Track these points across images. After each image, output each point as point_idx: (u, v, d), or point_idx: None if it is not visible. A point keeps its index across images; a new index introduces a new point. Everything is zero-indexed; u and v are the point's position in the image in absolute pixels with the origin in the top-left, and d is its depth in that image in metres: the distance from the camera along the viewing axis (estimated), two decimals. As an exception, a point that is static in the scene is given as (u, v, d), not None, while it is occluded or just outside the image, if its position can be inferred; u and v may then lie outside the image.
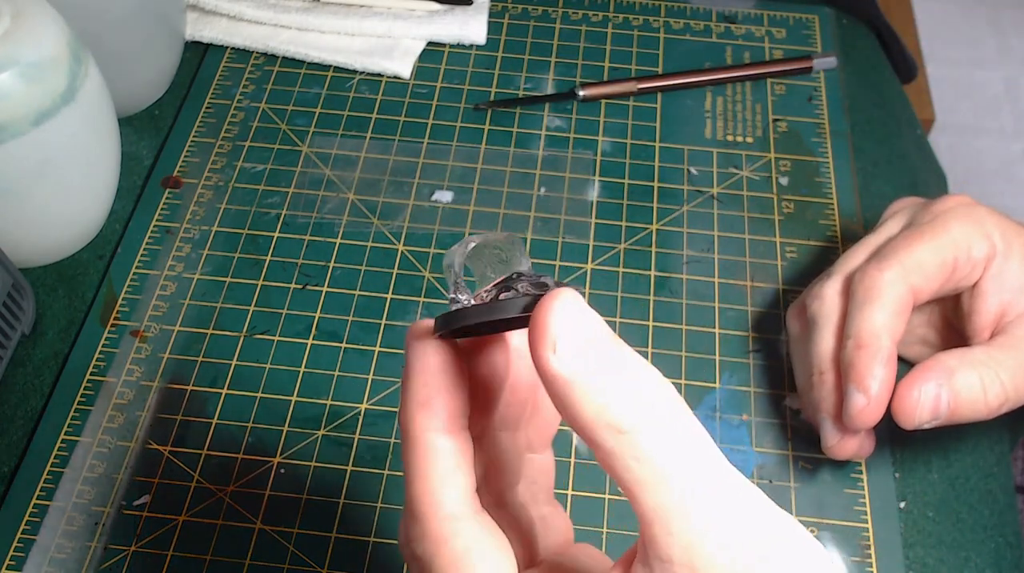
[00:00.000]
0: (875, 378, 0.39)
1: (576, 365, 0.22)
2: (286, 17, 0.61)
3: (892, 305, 0.39)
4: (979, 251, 0.40)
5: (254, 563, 0.42)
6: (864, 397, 0.39)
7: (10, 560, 0.42)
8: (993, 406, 0.39)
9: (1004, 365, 0.39)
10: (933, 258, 0.40)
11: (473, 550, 0.24)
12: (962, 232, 0.40)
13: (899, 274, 0.40)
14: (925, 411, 0.38)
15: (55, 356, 0.49)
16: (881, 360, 0.39)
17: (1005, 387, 0.39)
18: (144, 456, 0.45)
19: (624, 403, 0.22)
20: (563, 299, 0.22)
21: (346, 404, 0.47)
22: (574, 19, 0.64)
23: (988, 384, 0.38)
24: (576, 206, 0.54)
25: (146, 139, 0.58)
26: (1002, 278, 0.41)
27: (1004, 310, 0.41)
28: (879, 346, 0.39)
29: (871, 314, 0.39)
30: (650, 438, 0.22)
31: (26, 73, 0.44)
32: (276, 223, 0.53)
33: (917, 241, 0.41)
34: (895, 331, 0.39)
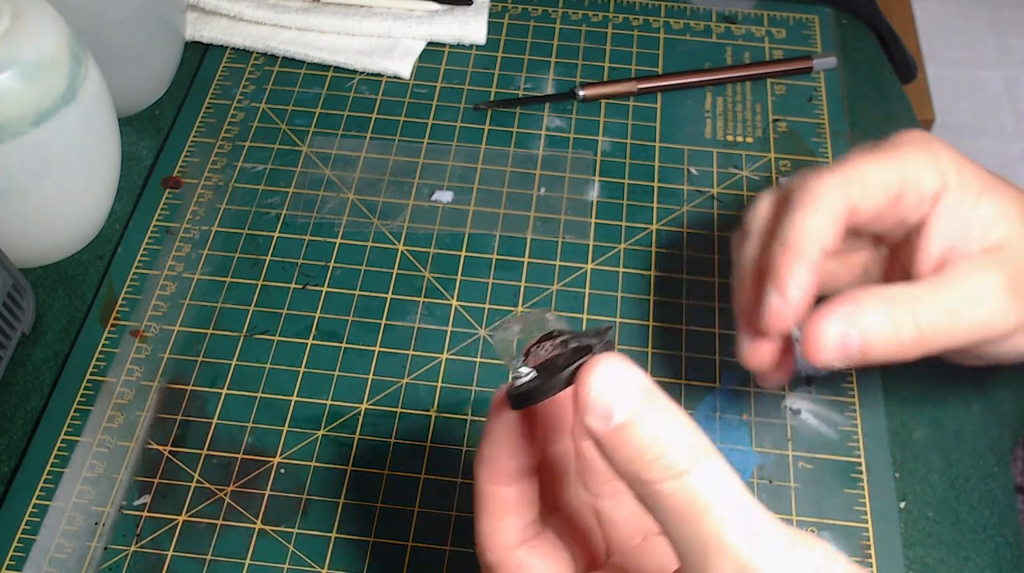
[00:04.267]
0: (794, 280, 0.36)
1: (604, 426, 0.26)
2: (286, 17, 0.61)
3: (826, 212, 0.36)
4: (929, 184, 0.37)
5: (254, 563, 0.42)
6: (780, 298, 0.36)
7: (10, 560, 0.42)
8: (908, 345, 0.35)
9: (922, 302, 0.35)
10: (878, 176, 0.37)
11: (524, 568, 0.30)
12: (914, 161, 0.37)
13: (838, 183, 0.37)
14: (832, 349, 0.35)
15: (55, 356, 0.49)
16: (804, 263, 0.36)
17: (920, 326, 0.35)
18: (144, 456, 0.45)
19: (649, 457, 0.25)
20: (596, 371, 0.26)
21: (346, 404, 0.47)
22: (574, 19, 0.64)
23: (900, 322, 0.35)
24: (576, 206, 0.54)
25: (146, 139, 0.58)
26: (950, 218, 0.37)
27: (947, 253, 0.37)
28: (804, 249, 0.36)
29: (802, 217, 0.37)
30: (671, 488, 0.25)
31: (26, 73, 0.44)
32: (276, 223, 0.54)
33: (864, 159, 0.38)
34: (825, 239, 0.36)
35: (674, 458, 0.25)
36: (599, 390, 0.26)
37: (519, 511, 0.30)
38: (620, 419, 0.25)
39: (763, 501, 0.44)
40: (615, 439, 0.25)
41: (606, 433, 0.25)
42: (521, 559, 0.30)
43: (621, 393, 0.26)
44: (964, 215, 0.37)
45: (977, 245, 0.37)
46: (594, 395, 0.26)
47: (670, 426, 0.26)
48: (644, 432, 0.25)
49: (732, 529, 0.24)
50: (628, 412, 0.25)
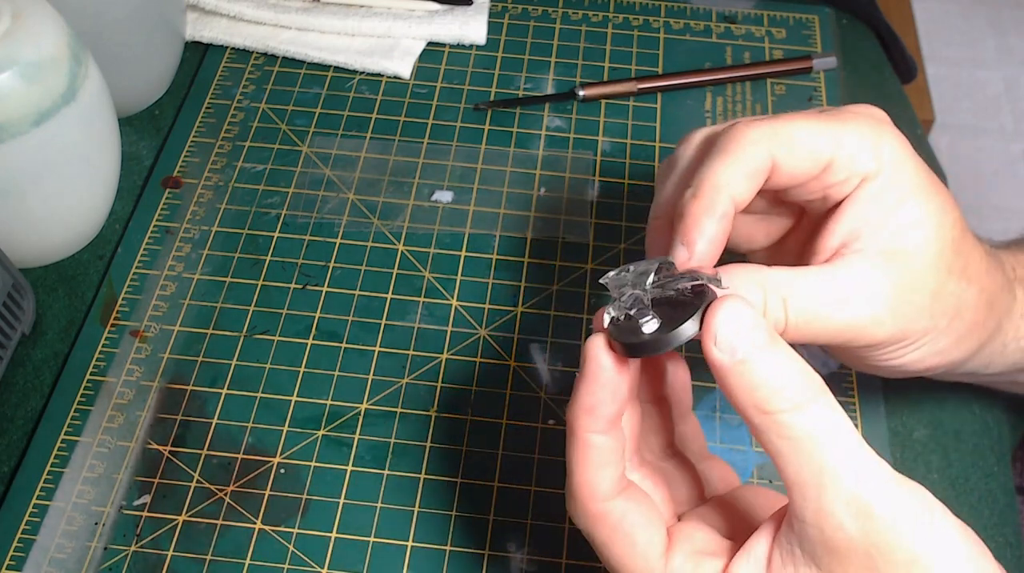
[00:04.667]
0: (702, 234, 0.33)
1: (731, 356, 0.28)
2: (286, 17, 0.61)
3: (745, 164, 0.34)
4: (862, 165, 0.34)
5: (254, 563, 0.42)
6: (686, 251, 0.34)
7: (10, 560, 0.42)
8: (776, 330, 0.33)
9: (797, 290, 0.33)
10: (809, 140, 0.34)
11: (626, 518, 0.31)
12: (855, 136, 0.34)
13: (765, 135, 0.34)
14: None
15: (55, 356, 0.49)
16: (714, 215, 0.33)
17: (788, 314, 0.33)
18: (144, 456, 0.45)
19: (769, 390, 0.28)
20: (725, 308, 0.28)
21: (346, 404, 0.47)
22: (574, 19, 0.64)
23: (770, 307, 0.33)
24: (576, 206, 0.54)
25: (146, 139, 0.58)
26: (867, 207, 0.35)
27: (849, 240, 0.35)
28: (716, 200, 0.34)
29: (720, 165, 0.34)
30: (791, 419, 0.27)
31: (26, 73, 0.44)
32: (276, 223, 0.54)
33: (802, 118, 0.35)
34: (740, 192, 0.34)
35: (797, 391, 0.28)
36: (727, 326, 0.28)
37: (617, 460, 0.31)
38: (748, 352, 0.28)
39: (763, 501, 0.44)
40: (743, 370, 0.28)
41: (734, 363, 0.28)
42: (621, 510, 0.31)
43: (747, 330, 0.28)
44: (882, 210, 0.35)
45: (881, 245, 0.34)
46: (723, 331, 0.28)
47: (792, 363, 0.28)
48: (770, 365, 0.28)
49: (847, 462, 0.27)
50: (755, 346, 0.28)
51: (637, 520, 0.31)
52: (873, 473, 0.27)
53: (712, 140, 0.36)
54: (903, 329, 0.34)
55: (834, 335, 0.34)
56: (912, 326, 0.35)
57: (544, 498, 0.44)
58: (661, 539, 0.31)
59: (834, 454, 0.27)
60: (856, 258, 0.34)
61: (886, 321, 0.34)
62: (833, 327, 0.34)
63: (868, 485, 0.27)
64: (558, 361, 0.48)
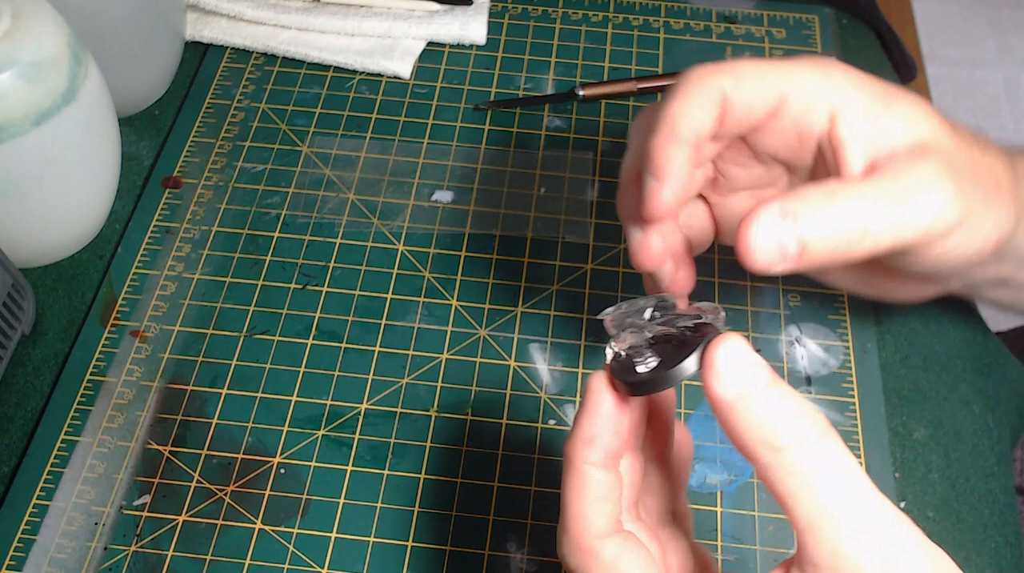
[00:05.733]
0: (668, 160, 0.34)
1: (736, 392, 0.27)
2: (286, 17, 0.61)
3: (696, 96, 0.34)
4: (822, 98, 0.34)
5: (254, 563, 0.42)
6: (656, 180, 0.34)
7: (10, 560, 0.42)
8: (852, 243, 0.32)
9: (866, 196, 0.32)
10: (756, 71, 0.34)
11: (621, 559, 0.29)
12: (803, 73, 0.35)
13: (712, 71, 0.34)
14: (767, 252, 0.32)
15: (55, 356, 0.49)
16: (676, 143, 0.34)
17: (865, 221, 0.32)
18: (144, 456, 0.45)
19: (777, 425, 0.27)
20: (727, 345, 0.27)
21: (346, 404, 0.47)
22: (574, 19, 0.64)
23: (843, 216, 0.32)
24: (576, 206, 0.54)
25: (146, 139, 0.58)
26: (861, 126, 0.34)
27: (873, 159, 0.34)
28: (676, 129, 0.34)
29: (673, 103, 0.34)
30: (801, 456, 0.26)
31: (26, 73, 0.44)
32: (276, 223, 0.54)
33: (748, 60, 0.35)
34: (695, 121, 0.34)
35: (806, 427, 0.27)
36: (730, 362, 0.27)
37: (614, 498, 0.30)
38: (753, 387, 0.27)
39: (763, 501, 0.44)
40: (749, 405, 0.27)
41: (739, 397, 0.27)
42: (616, 550, 0.29)
43: (749, 367, 0.27)
44: (876, 121, 0.34)
45: (901, 144, 0.34)
46: (726, 367, 0.27)
47: (798, 400, 0.27)
48: (777, 400, 0.27)
49: (862, 500, 0.26)
50: (758, 383, 0.27)
51: (632, 565, 0.29)
52: (881, 513, 0.26)
53: None
54: (966, 208, 0.34)
55: (913, 232, 0.33)
56: (972, 201, 0.34)
57: (544, 498, 0.44)
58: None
59: (848, 492, 0.26)
60: (895, 162, 0.33)
61: (953, 199, 0.33)
62: (911, 224, 0.33)
63: (884, 524, 0.26)
64: (558, 361, 0.48)
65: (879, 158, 0.34)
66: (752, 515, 0.44)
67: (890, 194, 0.33)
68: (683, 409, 0.47)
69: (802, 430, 0.27)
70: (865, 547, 0.26)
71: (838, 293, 0.51)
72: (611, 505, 0.30)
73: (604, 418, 0.30)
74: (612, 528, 0.30)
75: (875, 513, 0.26)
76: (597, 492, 0.30)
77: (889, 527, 0.26)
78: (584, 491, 0.30)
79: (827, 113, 0.35)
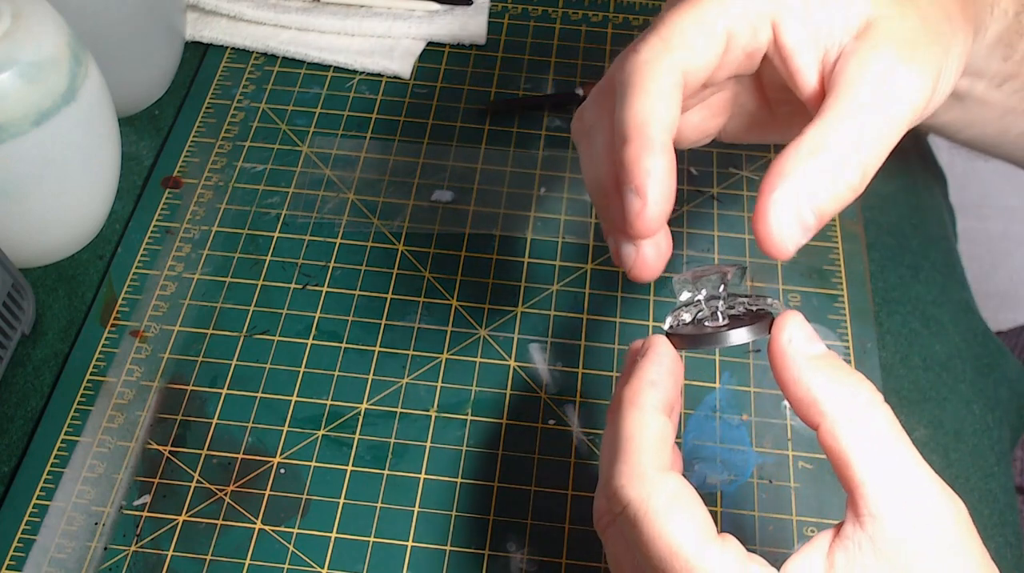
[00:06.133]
0: (647, 173, 0.31)
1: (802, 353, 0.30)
2: (286, 17, 0.61)
3: (658, 91, 0.32)
4: (762, 11, 0.33)
5: (254, 563, 0.42)
6: (640, 200, 0.32)
7: (10, 560, 0.42)
8: (858, 187, 0.32)
9: (846, 137, 0.31)
10: (702, 33, 0.33)
11: (682, 492, 0.30)
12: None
13: (659, 52, 0.32)
14: (794, 237, 0.32)
15: (55, 356, 0.49)
16: (651, 151, 0.31)
17: (861, 159, 0.31)
18: (144, 456, 0.45)
19: (855, 385, 0.30)
20: (797, 318, 0.31)
21: (346, 404, 0.47)
22: (574, 19, 0.64)
23: (844, 171, 0.31)
24: (576, 206, 0.54)
25: (146, 139, 0.58)
26: (801, 26, 0.33)
27: (824, 56, 0.33)
28: (647, 136, 0.32)
29: (632, 103, 0.32)
30: (874, 413, 0.29)
31: (26, 73, 0.44)
32: (276, 223, 0.54)
33: (681, 11, 0.33)
34: (665, 119, 0.32)
35: (874, 390, 0.30)
36: (803, 332, 0.31)
37: (669, 446, 0.31)
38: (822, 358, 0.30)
39: (763, 501, 0.44)
40: (829, 364, 0.30)
41: (821, 356, 0.30)
42: (676, 485, 0.30)
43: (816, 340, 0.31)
44: (816, 17, 0.33)
45: (846, 34, 0.32)
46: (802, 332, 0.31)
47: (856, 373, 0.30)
48: (840, 370, 0.30)
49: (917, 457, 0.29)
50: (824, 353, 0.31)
51: (692, 497, 0.30)
52: (921, 478, 0.29)
53: (608, 91, 0.34)
54: (933, 72, 0.33)
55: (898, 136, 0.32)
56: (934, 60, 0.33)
57: (544, 498, 0.44)
58: (712, 524, 0.30)
59: (908, 447, 0.29)
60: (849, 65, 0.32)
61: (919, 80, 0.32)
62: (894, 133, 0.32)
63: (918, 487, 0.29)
64: (558, 361, 0.48)
65: (829, 58, 0.33)
66: (752, 515, 0.44)
67: (868, 118, 0.31)
68: (683, 409, 0.47)
69: (872, 391, 0.30)
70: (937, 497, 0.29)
71: (838, 293, 0.51)
72: (668, 449, 0.31)
73: (666, 367, 0.32)
74: (669, 468, 0.31)
75: (919, 473, 0.29)
76: (662, 433, 0.31)
77: (927, 486, 0.29)
78: (648, 430, 0.31)
79: (769, 26, 0.33)
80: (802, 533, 0.43)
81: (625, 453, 0.31)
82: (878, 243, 0.53)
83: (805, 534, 0.43)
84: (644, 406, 0.31)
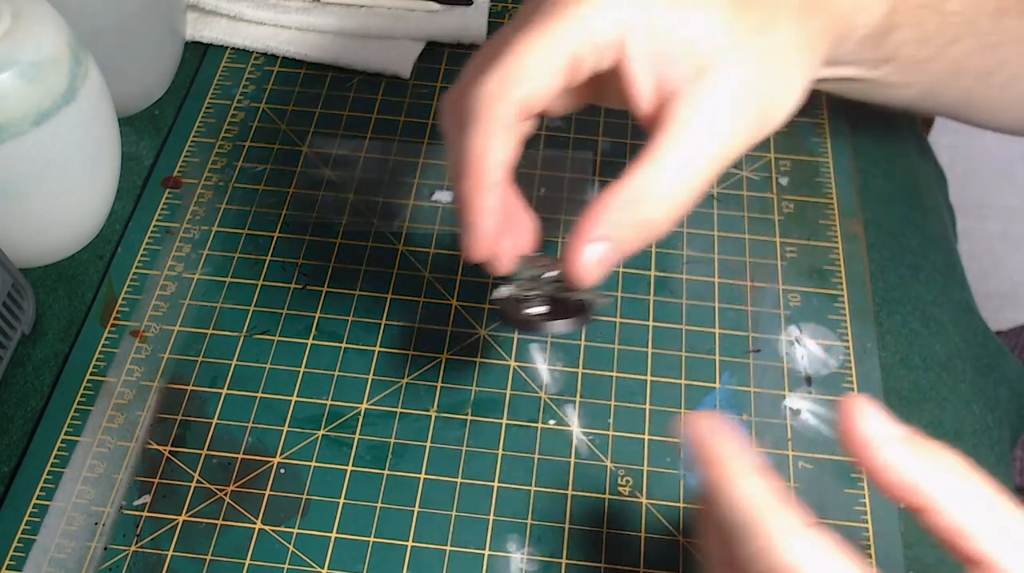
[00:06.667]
0: (479, 211, 0.35)
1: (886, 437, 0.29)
2: (286, 17, 0.61)
3: (492, 126, 0.34)
4: (607, 34, 0.34)
5: (254, 563, 0.42)
6: (471, 235, 0.35)
7: (10, 560, 0.42)
8: (669, 227, 0.35)
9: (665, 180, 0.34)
10: (544, 66, 0.34)
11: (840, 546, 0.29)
12: (584, 21, 0.34)
13: (498, 88, 0.34)
14: (596, 273, 0.35)
15: (55, 356, 0.49)
16: (483, 191, 0.34)
17: (675, 203, 0.34)
18: (144, 456, 0.45)
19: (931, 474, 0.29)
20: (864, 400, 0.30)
21: (346, 404, 0.47)
22: (574, 19, 0.64)
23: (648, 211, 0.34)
24: (576, 206, 0.54)
25: (146, 139, 0.58)
26: (646, 55, 0.34)
27: (660, 82, 0.35)
28: (481, 174, 0.34)
29: (472, 139, 0.34)
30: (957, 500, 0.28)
31: (26, 73, 0.44)
32: (276, 223, 0.54)
33: (527, 38, 0.34)
34: (500, 156, 0.34)
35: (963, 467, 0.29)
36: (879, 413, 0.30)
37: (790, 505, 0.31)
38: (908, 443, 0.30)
39: (763, 501, 0.44)
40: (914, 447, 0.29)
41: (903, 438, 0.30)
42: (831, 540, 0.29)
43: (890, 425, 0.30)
44: (660, 52, 0.34)
45: (685, 75, 0.34)
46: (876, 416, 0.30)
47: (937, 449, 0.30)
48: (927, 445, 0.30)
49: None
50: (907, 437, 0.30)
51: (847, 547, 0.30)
52: None
53: (459, 107, 0.36)
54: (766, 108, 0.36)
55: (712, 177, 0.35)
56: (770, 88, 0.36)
57: (544, 498, 0.44)
58: None
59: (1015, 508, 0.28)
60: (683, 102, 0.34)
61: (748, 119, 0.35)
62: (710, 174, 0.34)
63: None
64: (558, 361, 0.48)
65: (664, 89, 0.34)
66: (752, 515, 0.44)
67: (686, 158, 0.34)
68: (683, 409, 0.47)
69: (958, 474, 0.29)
70: None
71: (838, 293, 0.51)
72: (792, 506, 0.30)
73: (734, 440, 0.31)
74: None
75: None
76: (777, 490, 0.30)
77: None
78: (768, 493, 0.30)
79: (614, 53, 0.34)
80: (802, 533, 0.43)
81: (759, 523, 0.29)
82: (878, 243, 0.53)
83: (805, 534, 0.43)
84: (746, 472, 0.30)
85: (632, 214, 0.34)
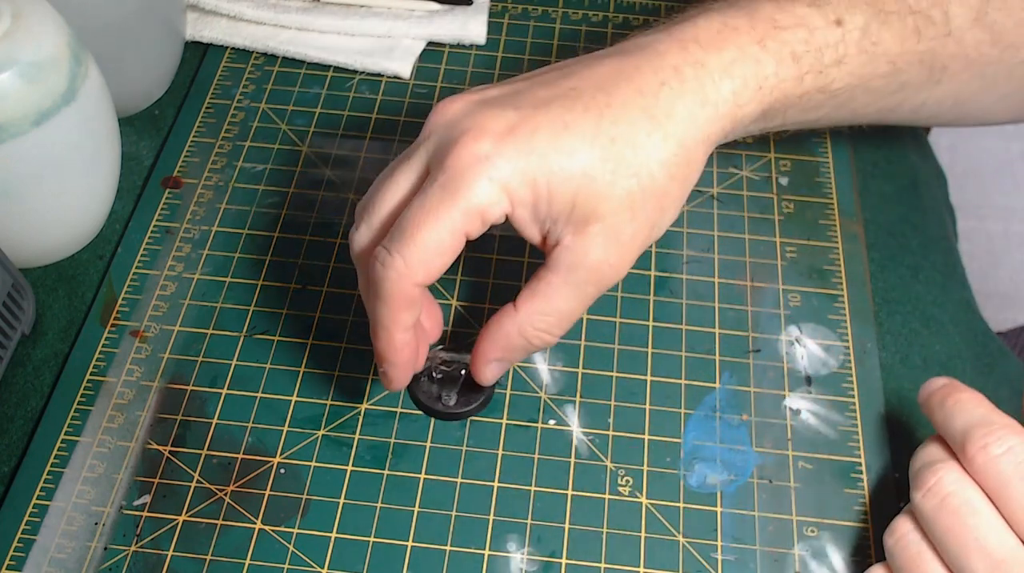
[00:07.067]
0: (391, 364, 0.41)
1: None
2: (286, 17, 0.61)
3: (395, 303, 0.39)
4: (497, 203, 0.38)
5: (254, 563, 0.42)
6: (386, 378, 0.42)
7: (10, 560, 0.42)
8: (559, 338, 0.42)
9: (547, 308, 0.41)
10: (438, 244, 0.38)
11: None
12: (475, 198, 0.38)
13: (400, 272, 0.38)
14: (496, 377, 0.44)
15: (55, 356, 0.49)
16: (394, 348, 0.40)
17: (550, 326, 0.41)
18: (144, 456, 0.45)
19: None
20: None
21: (346, 404, 0.47)
22: (574, 19, 0.64)
23: (529, 336, 0.41)
24: (576, 206, 0.54)
25: (146, 139, 0.58)
26: (527, 201, 0.39)
27: (544, 221, 0.40)
28: (392, 334, 0.40)
29: (381, 310, 0.40)
30: None
31: (26, 73, 0.44)
32: (276, 223, 0.54)
33: (425, 222, 0.38)
34: (407, 321, 0.40)
35: None
36: None
37: None
38: None
39: (763, 501, 0.44)
40: None
41: None
42: None
43: None
44: (543, 211, 0.39)
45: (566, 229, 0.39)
46: None
47: None
48: None
49: None
50: None
51: None
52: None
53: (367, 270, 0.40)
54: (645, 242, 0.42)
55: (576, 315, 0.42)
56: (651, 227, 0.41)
57: (544, 498, 0.44)
58: None
59: None
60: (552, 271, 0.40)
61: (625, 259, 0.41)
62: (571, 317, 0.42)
63: None
64: (558, 361, 0.48)
65: (551, 234, 0.40)
66: (752, 515, 0.44)
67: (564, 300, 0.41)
68: (683, 409, 0.47)
69: None
70: None
71: (838, 293, 0.51)
72: None
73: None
74: None
75: None
76: None
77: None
78: None
79: (503, 210, 0.39)
80: (802, 533, 0.43)
81: None
82: (878, 243, 0.53)
83: (805, 534, 0.43)
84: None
85: (522, 342, 0.41)
